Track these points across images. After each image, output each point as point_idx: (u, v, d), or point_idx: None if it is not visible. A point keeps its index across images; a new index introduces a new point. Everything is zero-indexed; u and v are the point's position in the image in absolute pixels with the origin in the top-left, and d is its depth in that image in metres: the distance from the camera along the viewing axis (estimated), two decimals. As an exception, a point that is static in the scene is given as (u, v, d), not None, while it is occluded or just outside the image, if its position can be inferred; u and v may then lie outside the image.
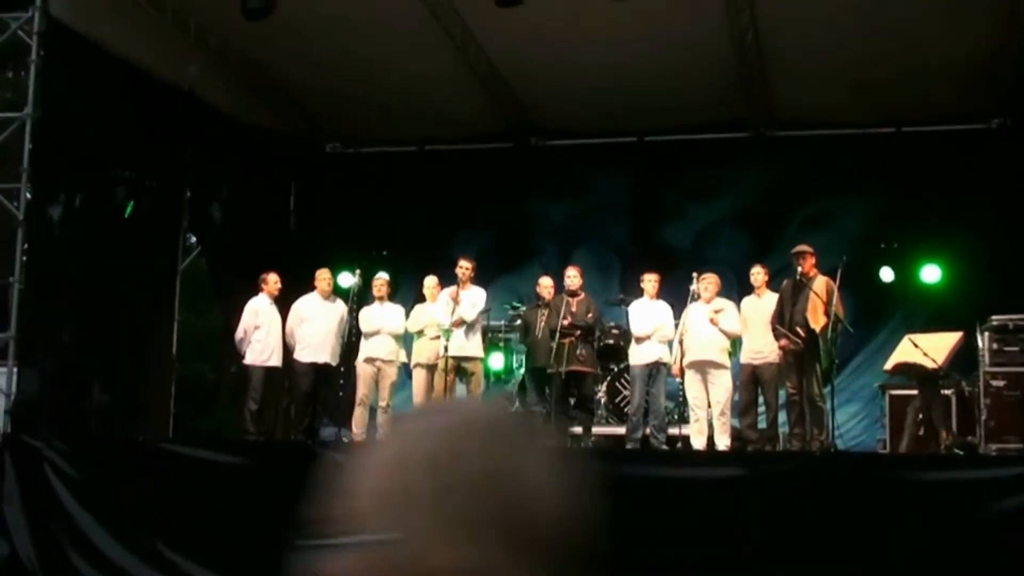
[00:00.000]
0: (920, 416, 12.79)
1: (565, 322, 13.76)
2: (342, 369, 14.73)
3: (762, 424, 13.67)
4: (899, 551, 9.49)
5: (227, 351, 15.54)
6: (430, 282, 14.87)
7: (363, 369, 14.44)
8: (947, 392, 13.22)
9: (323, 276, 14.58)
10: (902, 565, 9.46)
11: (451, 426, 1.87)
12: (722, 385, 13.45)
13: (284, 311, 14.44)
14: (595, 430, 14.45)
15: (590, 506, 1.91)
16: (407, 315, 14.81)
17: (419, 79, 16.06)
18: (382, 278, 14.84)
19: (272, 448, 13.12)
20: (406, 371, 14.85)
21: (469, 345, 14.04)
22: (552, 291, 14.41)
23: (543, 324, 14.10)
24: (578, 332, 13.84)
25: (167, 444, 12.33)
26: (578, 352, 13.84)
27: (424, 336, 14.60)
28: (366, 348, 14.49)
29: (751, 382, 13.46)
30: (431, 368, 14.30)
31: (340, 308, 14.55)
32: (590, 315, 14.03)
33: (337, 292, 15.06)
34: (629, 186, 18.61)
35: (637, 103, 16.55)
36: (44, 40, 13.17)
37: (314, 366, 14.21)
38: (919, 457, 11.83)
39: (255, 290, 14.41)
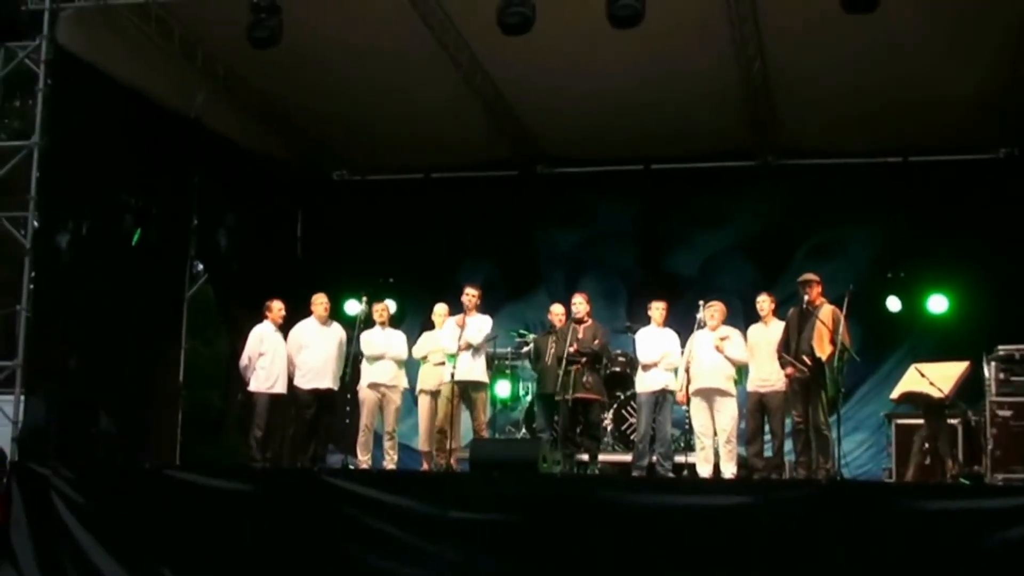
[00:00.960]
0: (926, 445, 12.75)
1: (571, 349, 13.75)
2: (348, 396, 14.70)
3: (768, 452, 13.62)
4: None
5: (234, 378, 15.54)
6: (440, 309, 14.88)
7: (367, 395, 14.40)
8: (953, 421, 13.19)
9: (319, 300, 14.51)
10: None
11: None
12: (728, 413, 13.45)
13: (288, 338, 14.42)
14: (601, 457, 14.42)
15: None
16: (410, 341, 14.81)
17: (426, 107, 16.11)
18: (384, 304, 14.83)
19: (278, 475, 13.10)
20: (411, 397, 14.84)
21: (474, 370, 14.01)
22: (563, 318, 14.39)
23: (552, 351, 14.10)
24: (584, 359, 13.83)
25: (173, 471, 12.32)
26: (584, 379, 13.81)
27: (429, 362, 14.61)
28: (369, 373, 14.45)
29: (757, 410, 13.43)
30: (436, 394, 14.29)
31: (338, 332, 14.51)
32: (596, 342, 14.01)
33: (344, 319, 15.05)
34: (636, 214, 18.61)
35: (643, 131, 16.59)
36: (51, 68, 13.24)
37: (316, 392, 14.16)
38: (925, 486, 11.78)
39: (261, 317, 14.41)
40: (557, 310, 14.59)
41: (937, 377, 12.48)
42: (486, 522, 10.51)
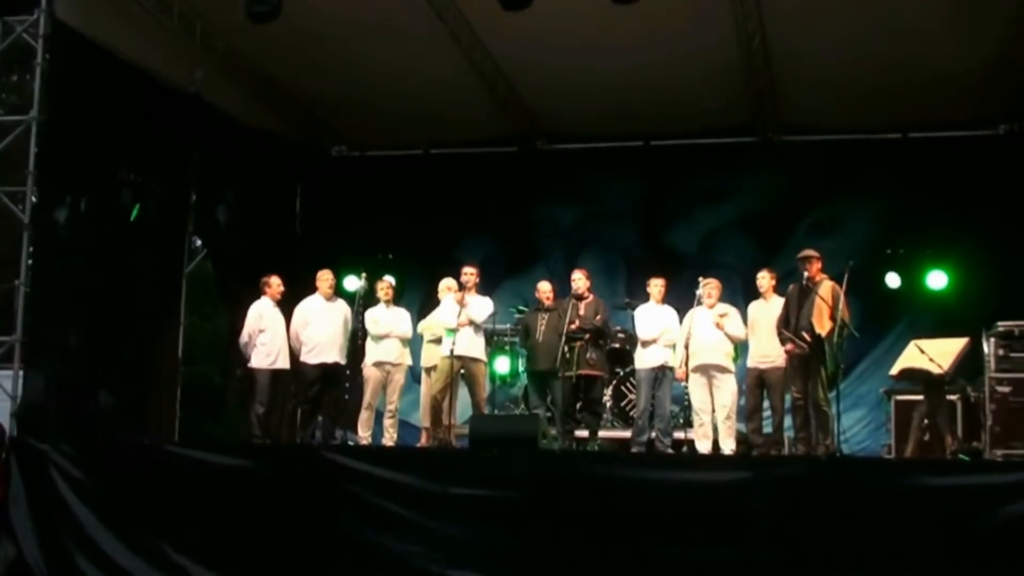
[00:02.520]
0: (925, 421, 12.76)
1: (573, 326, 13.74)
2: (348, 372, 14.71)
3: (767, 428, 13.64)
4: (903, 556, 9.47)
5: (233, 354, 15.53)
6: (445, 284, 14.86)
7: (372, 373, 14.42)
8: (952, 398, 13.21)
9: (324, 277, 14.55)
10: (906, 570, 9.44)
11: None
12: (727, 389, 13.47)
13: (288, 314, 14.41)
14: (601, 433, 14.44)
15: None
16: (414, 318, 14.80)
17: (425, 83, 16.07)
18: (386, 281, 14.83)
19: (278, 451, 13.11)
20: (412, 375, 14.83)
21: (473, 347, 14.02)
22: (551, 295, 14.36)
23: (543, 328, 14.08)
24: (587, 335, 13.83)
25: (172, 447, 12.32)
26: (588, 356, 13.83)
27: (431, 340, 14.60)
28: (375, 352, 14.47)
29: (757, 386, 13.45)
30: (434, 370, 14.29)
31: (343, 308, 14.54)
32: (599, 317, 14.02)
33: (342, 295, 15.06)
34: (636, 190, 18.60)
35: (644, 107, 16.56)
36: (49, 43, 13.16)
37: (323, 367, 14.20)
38: (924, 462, 11.79)
39: (260, 293, 14.40)
40: (544, 287, 14.51)
41: (936, 353, 12.49)
42: (486, 498, 10.51)
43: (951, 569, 9.36)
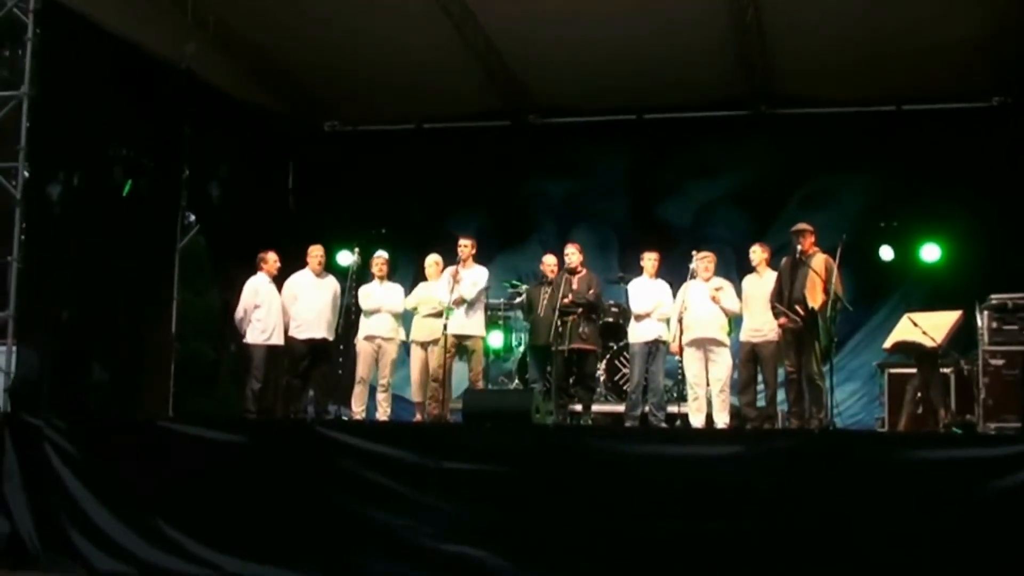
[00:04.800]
0: (919, 395, 12.79)
1: (566, 300, 13.74)
2: (341, 347, 14.72)
3: (761, 402, 13.66)
4: (896, 529, 9.49)
5: (226, 329, 15.54)
6: (431, 259, 14.84)
7: (363, 347, 14.45)
8: (946, 371, 13.22)
9: (315, 252, 14.56)
10: (899, 543, 9.46)
11: None
12: (722, 363, 13.48)
13: (282, 289, 14.42)
14: (594, 408, 14.45)
15: None
16: (407, 293, 14.80)
17: (417, 57, 16.03)
18: (381, 256, 14.83)
19: (271, 426, 13.10)
20: (405, 349, 14.84)
21: (470, 323, 14.03)
22: (556, 269, 14.37)
23: (545, 302, 14.09)
24: (580, 309, 13.83)
25: (166, 422, 12.30)
26: (581, 330, 13.83)
27: (420, 314, 14.58)
28: (366, 326, 14.49)
29: (750, 360, 13.46)
30: (428, 346, 14.30)
31: (333, 284, 14.55)
32: (591, 291, 14.01)
33: (336, 270, 15.06)
34: (628, 164, 18.58)
35: (636, 80, 16.52)
36: (40, 18, 13.10)
37: (310, 342, 14.21)
38: (917, 435, 11.81)
39: (254, 269, 14.39)
40: (549, 260, 14.54)
41: (930, 326, 12.51)
42: (479, 472, 10.50)
43: (944, 542, 9.37)
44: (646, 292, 13.99)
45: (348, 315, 14.55)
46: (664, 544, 9.93)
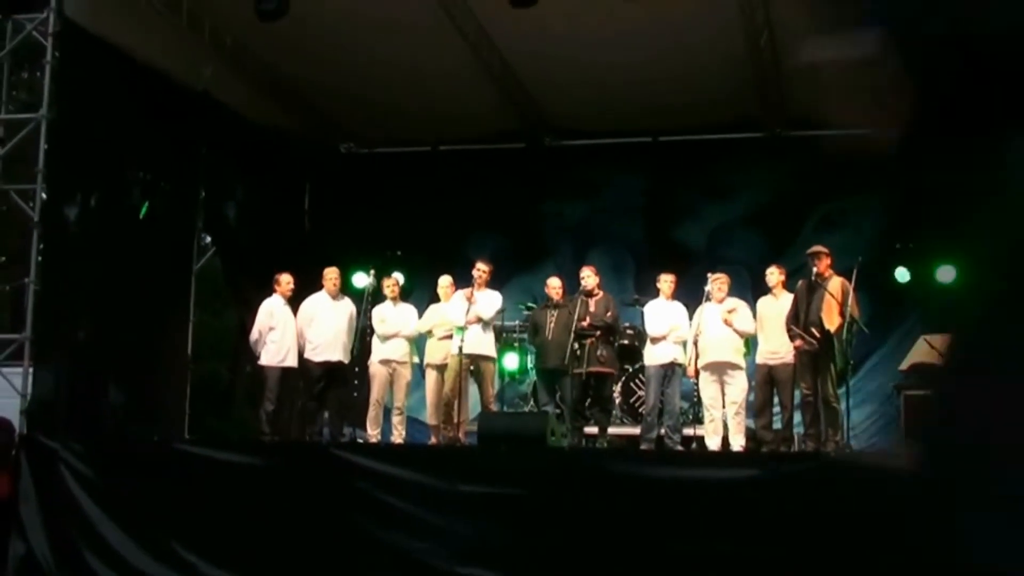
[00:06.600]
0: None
1: (584, 323, 13.74)
2: (356, 369, 14.72)
3: (777, 425, 13.63)
4: (914, 552, 9.45)
5: (242, 351, 15.57)
6: (444, 282, 14.83)
7: (378, 370, 14.45)
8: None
9: (331, 275, 14.56)
10: (917, 565, 9.42)
11: None
12: (738, 385, 13.45)
13: (298, 311, 14.43)
14: (610, 430, 14.42)
15: None
16: (422, 315, 14.80)
17: (433, 79, 16.07)
18: (394, 278, 14.84)
19: (287, 448, 13.12)
20: (419, 371, 14.84)
21: (482, 344, 14.01)
22: (561, 292, 14.38)
23: (552, 325, 14.09)
24: (598, 332, 13.82)
25: (182, 444, 12.34)
26: (599, 353, 13.82)
27: (434, 336, 14.59)
28: (381, 350, 14.48)
29: (766, 382, 13.43)
30: (443, 368, 14.28)
31: (348, 306, 14.56)
32: (609, 314, 14.01)
33: (351, 292, 15.07)
34: (643, 186, 18.59)
35: (651, 103, 16.53)
36: (59, 41, 13.20)
37: (326, 365, 14.21)
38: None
39: (270, 290, 14.42)
40: (554, 283, 14.55)
41: (946, 348, 12.45)
42: (495, 495, 10.51)
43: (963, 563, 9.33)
44: (662, 314, 13.95)
45: (363, 337, 14.55)
46: (680, 566, 9.92)
